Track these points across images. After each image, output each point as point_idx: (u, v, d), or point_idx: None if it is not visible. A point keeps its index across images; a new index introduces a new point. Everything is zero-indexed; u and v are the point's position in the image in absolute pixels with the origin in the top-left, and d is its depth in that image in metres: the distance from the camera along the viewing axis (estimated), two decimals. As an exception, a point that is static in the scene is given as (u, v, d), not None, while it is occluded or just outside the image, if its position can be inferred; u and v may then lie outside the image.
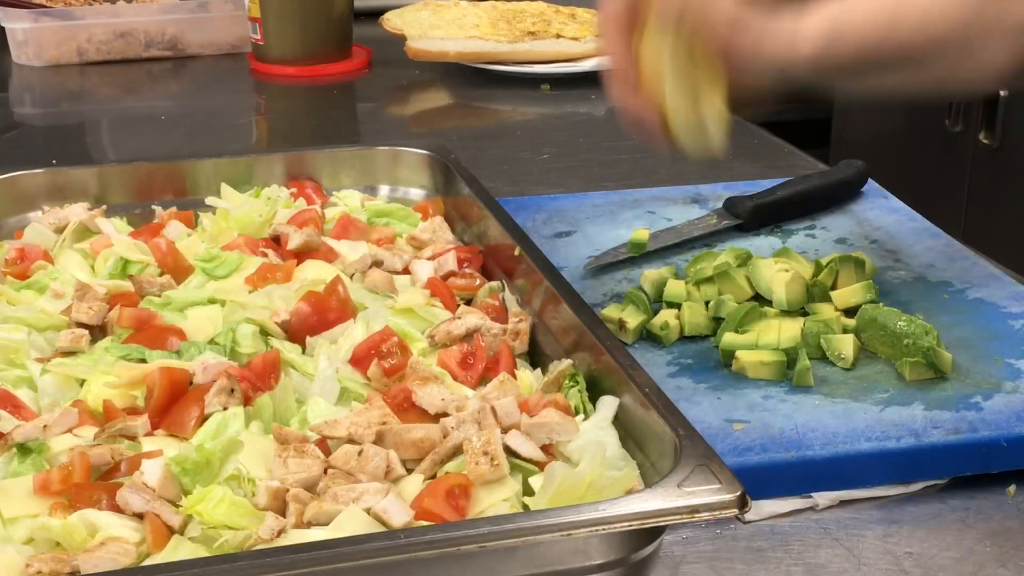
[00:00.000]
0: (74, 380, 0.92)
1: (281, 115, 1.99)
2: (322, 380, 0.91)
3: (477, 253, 1.13)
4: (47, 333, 0.99)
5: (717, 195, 1.38)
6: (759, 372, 1.00)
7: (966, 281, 1.16)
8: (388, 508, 0.73)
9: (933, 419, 0.93)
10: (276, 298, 1.01)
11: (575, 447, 0.81)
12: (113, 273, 1.09)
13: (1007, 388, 0.97)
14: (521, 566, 0.68)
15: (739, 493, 0.69)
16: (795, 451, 0.89)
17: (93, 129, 1.90)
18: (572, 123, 1.84)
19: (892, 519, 0.88)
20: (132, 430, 0.84)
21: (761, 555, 0.84)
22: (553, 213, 1.35)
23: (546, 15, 2.18)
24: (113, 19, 2.10)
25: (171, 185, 1.26)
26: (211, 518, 0.74)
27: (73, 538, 0.73)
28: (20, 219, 1.21)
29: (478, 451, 0.77)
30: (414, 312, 1.01)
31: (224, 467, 0.79)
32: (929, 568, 0.82)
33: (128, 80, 2.08)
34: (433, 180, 1.29)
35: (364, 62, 2.14)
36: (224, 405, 0.85)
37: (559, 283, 0.96)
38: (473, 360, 0.94)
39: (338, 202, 1.27)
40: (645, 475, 0.78)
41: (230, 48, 2.19)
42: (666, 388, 0.83)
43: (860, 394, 0.97)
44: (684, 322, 1.07)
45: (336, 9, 2.07)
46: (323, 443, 0.81)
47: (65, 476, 0.77)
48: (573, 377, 0.89)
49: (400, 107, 2.01)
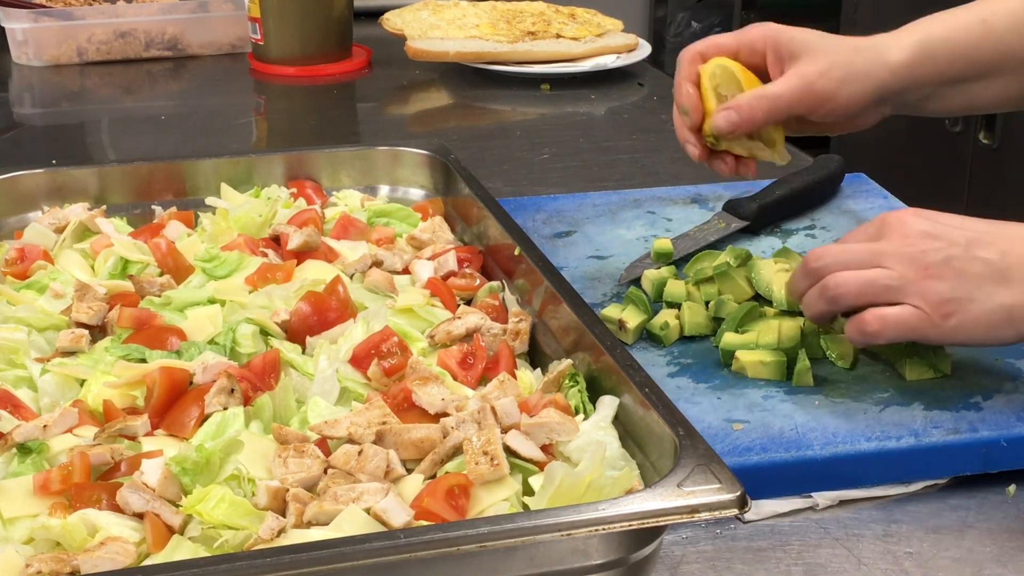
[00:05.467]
0: (74, 380, 0.92)
1: (281, 115, 1.99)
2: (322, 380, 0.91)
3: (477, 253, 1.13)
4: (47, 333, 0.99)
5: (717, 195, 1.39)
6: (759, 372, 1.00)
7: (966, 281, 1.16)
8: (388, 508, 0.73)
9: (933, 419, 0.93)
10: (276, 298, 1.01)
11: (575, 447, 0.81)
12: (113, 273, 1.09)
13: (1007, 388, 0.97)
14: (521, 566, 0.68)
15: (739, 493, 0.69)
16: (795, 451, 0.89)
17: (93, 129, 1.90)
18: (572, 123, 1.84)
19: (892, 519, 0.88)
20: (132, 430, 0.84)
21: (761, 555, 0.84)
22: (553, 213, 1.35)
23: (546, 15, 2.18)
24: (113, 19, 2.10)
25: (171, 185, 1.26)
26: (211, 518, 0.74)
27: (73, 538, 0.73)
28: (20, 219, 1.21)
29: (478, 451, 0.77)
30: (414, 312, 1.01)
31: (224, 467, 0.79)
32: (929, 568, 0.82)
33: (128, 80, 2.08)
34: (433, 180, 1.29)
35: (364, 62, 2.14)
36: (224, 405, 0.85)
37: (559, 283, 0.96)
38: (473, 360, 0.94)
39: (338, 202, 1.27)
40: (645, 475, 0.78)
41: (230, 48, 2.19)
42: (666, 388, 0.83)
43: (860, 394, 0.97)
44: (684, 322, 1.07)
45: (336, 9, 2.07)
46: (323, 443, 0.81)
47: (65, 476, 0.77)
48: (573, 377, 0.89)
49: (400, 107, 2.01)
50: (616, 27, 2.17)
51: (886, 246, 0.93)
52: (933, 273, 0.91)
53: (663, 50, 4.71)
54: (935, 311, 0.91)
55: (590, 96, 1.95)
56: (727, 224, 1.28)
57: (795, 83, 1.03)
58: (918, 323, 0.91)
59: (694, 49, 1.09)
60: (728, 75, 1.07)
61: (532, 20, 2.15)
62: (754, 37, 1.08)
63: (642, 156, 1.65)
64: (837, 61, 1.04)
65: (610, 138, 1.74)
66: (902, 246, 0.93)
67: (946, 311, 0.91)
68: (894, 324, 0.92)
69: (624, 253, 1.24)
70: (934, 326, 0.91)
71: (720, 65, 1.07)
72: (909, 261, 0.92)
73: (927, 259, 0.91)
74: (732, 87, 1.06)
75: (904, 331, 0.92)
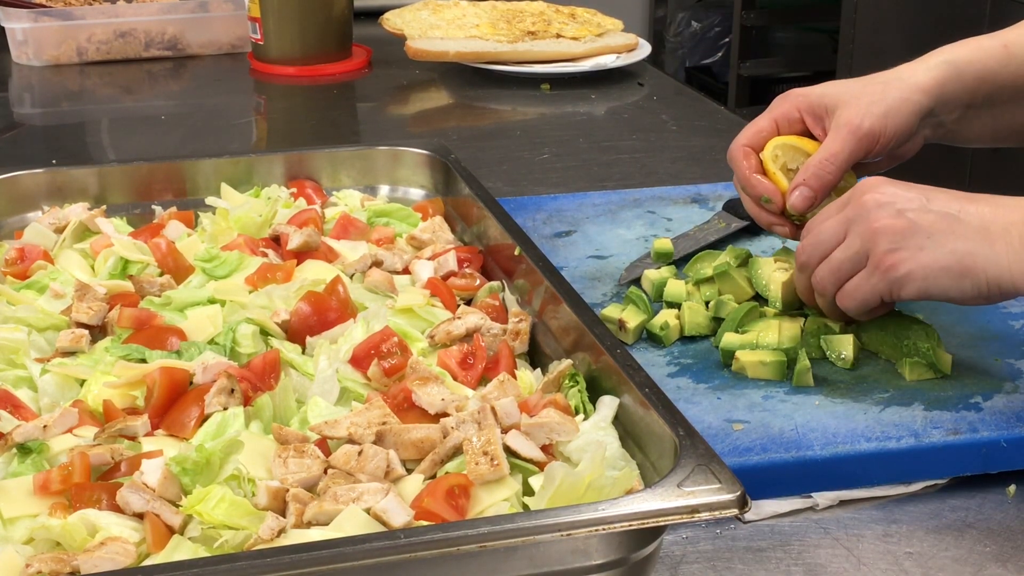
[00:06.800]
0: (74, 380, 0.92)
1: (281, 115, 1.99)
2: (322, 380, 0.91)
3: (477, 253, 1.13)
4: (47, 333, 0.99)
5: (717, 195, 1.39)
6: (759, 372, 1.00)
7: (966, 281, 1.16)
8: (388, 508, 0.73)
9: (933, 419, 0.93)
10: (276, 298, 1.01)
11: (575, 447, 0.81)
12: (113, 273, 1.09)
13: (1007, 388, 0.97)
14: (521, 566, 0.68)
15: (739, 493, 0.69)
16: (795, 451, 0.89)
17: (93, 129, 1.90)
18: (572, 123, 1.84)
19: (892, 519, 0.88)
20: (132, 430, 0.84)
21: (761, 555, 0.84)
22: (553, 213, 1.35)
23: (546, 15, 2.18)
24: (113, 19, 2.10)
25: (171, 185, 1.26)
26: (211, 518, 0.74)
27: (73, 538, 0.73)
28: (20, 219, 1.21)
29: (478, 451, 0.77)
30: (414, 312, 1.01)
31: (224, 467, 0.79)
32: (929, 568, 0.82)
33: (128, 80, 2.08)
34: (433, 180, 1.29)
35: (364, 62, 2.14)
36: (224, 405, 0.85)
37: (559, 283, 0.96)
38: (473, 360, 0.94)
39: (338, 202, 1.27)
40: (645, 475, 0.78)
41: (230, 48, 2.19)
42: (666, 388, 0.83)
43: (860, 394, 0.97)
44: (684, 322, 1.07)
45: (336, 9, 2.07)
46: (323, 443, 0.81)
47: (65, 476, 0.77)
48: (573, 377, 0.89)
49: (400, 107, 2.01)
50: (616, 27, 2.18)
51: (849, 212, 0.96)
52: (883, 227, 0.93)
53: (663, 50, 4.71)
54: (883, 262, 0.93)
55: (590, 96, 1.95)
56: (727, 224, 1.28)
57: (845, 134, 1.04)
58: (874, 281, 0.94)
59: (739, 144, 1.10)
60: (789, 150, 1.09)
61: (532, 20, 2.15)
62: (786, 109, 1.10)
63: (642, 156, 1.65)
64: (872, 99, 1.05)
65: (610, 138, 1.74)
66: (859, 210, 0.95)
67: (893, 260, 0.92)
68: (852, 294, 0.96)
69: (624, 253, 1.24)
70: (885, 279, 0.93)
71: (778, 145, 1.09)
72: (864, 224, 0.94)
73: (880, 215, 0.93)
74: (799, 157, 1.08)
75: (866, 295, 0.95)
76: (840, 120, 1.05)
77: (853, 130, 1.04)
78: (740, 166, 1.10)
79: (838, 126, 1.05)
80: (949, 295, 0.92)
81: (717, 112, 1.91)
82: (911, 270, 0.92)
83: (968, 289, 0.91)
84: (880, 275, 0.93)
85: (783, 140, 1.09)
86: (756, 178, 1.09)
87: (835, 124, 1.05)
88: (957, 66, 1.06)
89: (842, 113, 1.05)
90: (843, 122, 1.04)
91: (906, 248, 0.92)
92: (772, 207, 1.09)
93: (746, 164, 1.09)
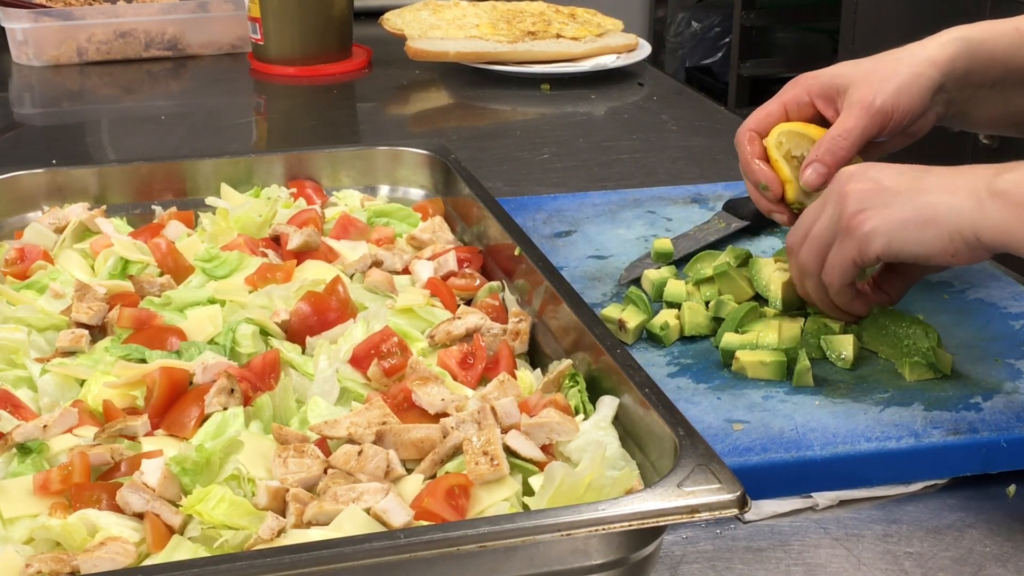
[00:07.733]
0: (74, 380, 0.92)
1: (281, 115, 1.99)
2: (322, 380, 0.91)
3: (477, 253, 1.13)
4: (47, 333, 0.99)
5: (717, 195, 1.39)
6: (759, 372, 1.00)
7: (966, 281, 1.16)
8: (388, 508, 0.73)
9: (933, 419, 0.93)
10: (276, 298, 1.01)
11: (575, 447, 0.81)
12: (113, 273, 1.09)
13: (1007, 388, 0.97)
14: (521, 566, 0.68)
15: (739, 493, 0.69)
16: (795, 451, 0.89)
17: (93, 129, 1.90)
18: (572, 123, 1.84)
19: (892, 519, 0.88)
20: (132, 430, 0.84)
21: (761, 555, 0.84)
22: (553, 213, 1.35)
23: (546, 15, 2.18)
24: (113, 19, 2.10)
25: (171, 185, 1.26)
26: (211, 518, 0.74)
27: (73, 538, 0.73)
28: (20, 219, 1.21)
29: (478, 451, 0.77)
30: (414, 312, 1.01)
31: (224, 467, 0.79)
32: (929, 568, 0.82)
33: (128, 80, 2.08)
34: (433, 180, 1.29)
35: (364, 62, 2.14)
36: (224, 405, 0.85)
37: (559, 283, 0.96)
38: (473, 360, 0.94)
39: (338, 202, 1.27)
40: (645, 475, 0.78)
41: (230, 48, 2.19)
42: (666, 388, 0.83)
43: (860, 394, 0.97)
44: (684, 322, 1.07)
45: (336, 9, 2.07)
46: (323, 443, 0.81)
47: (65, 476, 0.77)
48: (573, 377, 0.89)
49: (400, 107, 2.01)
50: (616, 27, 2.18)
51: (829, 189, 0.97)
52: (851, 190, 0.94)
53: (663, 50, 4.71)
54: (850, 223, 0.93)
55: (590, 96, 1.95)
56: (727, 224, 1.28)
57: (858, 111, 1.04)
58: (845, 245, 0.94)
59: (746, 128, 1.10)
60: (794, 136, 1.08)
61: (532, 20, 2.15)
62: (796, 93, 1.10)
63: (642, 156, 1.65)
64: (884, 76, 1.04)
65: (610, 138, 1.74)
66: (835, 183, 0.96)
67: (860, 219, 0.93)
68: (831, 266, 0.97)
69: (624, 253, 1.24)
70: (853, 240, 0.93)
71: (783, 131, 1.09)
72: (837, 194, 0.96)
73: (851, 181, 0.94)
74: (803, 144, 1.08)
75: (842, 262, 0.96)
76: (853, 98, 1.05)
77: (866, 107, 1.04)
78: (743, 151, 1.10)
79: (851, 104, 1.05)
80: (915, 251, 0.92)
81: (717, 112, 1.91)
82: (875, 226, 0.92)
83: (931, 240, 0.90)
84: (849, 237, 0.94)
85: (788, 127, 1.09)
86: (756, 164, 1.08)
87: (848, 102, 1.05)
88: (969, 43, 1.06)
89: (854, 91, 1.05)
90: (856, 100, 1.04)
91: (872, 207, 0.92)
92: (769, 195, 1.09)
93: (749, 149, 1.09)
